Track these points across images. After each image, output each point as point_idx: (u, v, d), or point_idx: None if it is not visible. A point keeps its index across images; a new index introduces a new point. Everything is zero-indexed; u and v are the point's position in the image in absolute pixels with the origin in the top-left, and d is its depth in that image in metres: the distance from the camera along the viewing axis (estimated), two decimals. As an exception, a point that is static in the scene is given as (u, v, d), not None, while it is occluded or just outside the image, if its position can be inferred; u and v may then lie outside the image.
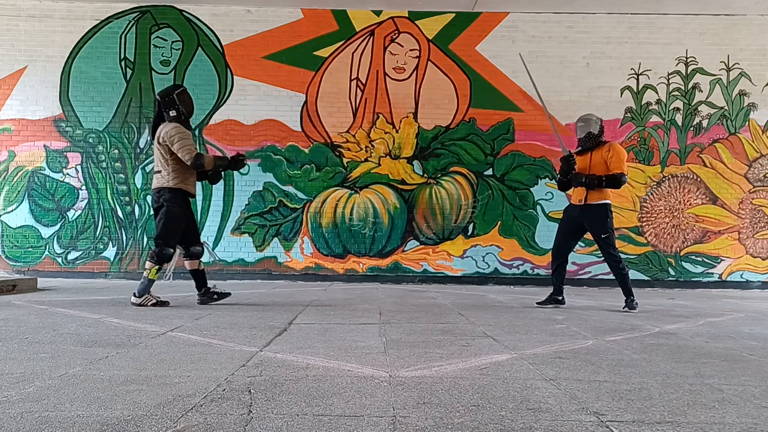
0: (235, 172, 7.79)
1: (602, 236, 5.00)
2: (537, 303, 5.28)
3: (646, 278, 7.80)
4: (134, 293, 4.79)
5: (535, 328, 3.90)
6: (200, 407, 1.98)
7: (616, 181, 4.92)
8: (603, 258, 5.25)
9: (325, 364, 2.67)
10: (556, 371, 2.61)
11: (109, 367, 2.58)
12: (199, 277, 5.00)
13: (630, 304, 5.00)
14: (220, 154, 4.78)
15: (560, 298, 5.21)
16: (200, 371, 2.51)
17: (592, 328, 3.94)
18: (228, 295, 5.08)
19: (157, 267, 4.75)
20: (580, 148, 5.18)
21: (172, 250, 4.81)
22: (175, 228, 4.80)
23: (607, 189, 4.99)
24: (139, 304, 4.73)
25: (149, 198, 7.76)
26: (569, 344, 3.32)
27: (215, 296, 5.00)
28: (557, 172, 5.27)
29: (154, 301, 4.77)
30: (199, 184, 7.81)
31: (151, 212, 7.76)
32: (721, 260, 7.84)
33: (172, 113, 4.78)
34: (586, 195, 5.01)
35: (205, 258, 5.76)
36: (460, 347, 3.16)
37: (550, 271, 5.35)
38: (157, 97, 4.84)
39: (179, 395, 2.11)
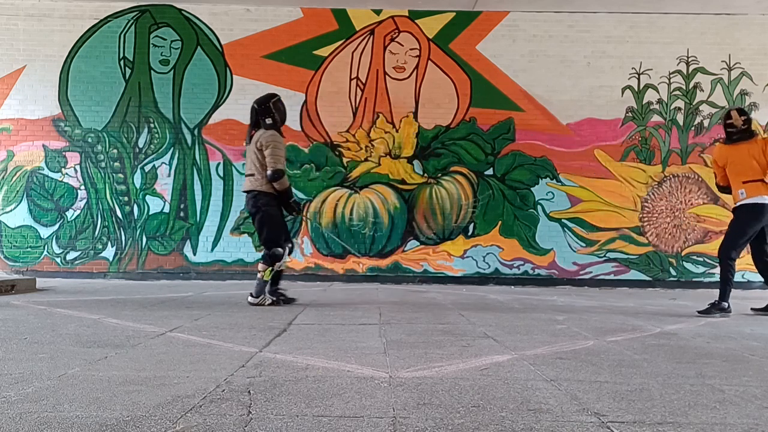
0: (234, 171, 7.79)
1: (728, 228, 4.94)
2: (752, 309, 5.06)
3: (648, 278, 7.78)
4: (251, 293, 4.93)
5: (536, 329, 3.89)
6: (199, 408, 1.97)
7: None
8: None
9: (325, 365, 2.66)
10: (557, 372, 2.60)
11: (108, 367, 2.57)
12: (277, 275, 5.07)
13: (713, 306, 4.75)
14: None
15: None
16: (199, 372, 2.50)
17: (592, 329, 3.93)
18: (294, 300, 5.12)
19: (270, 268, 4.88)
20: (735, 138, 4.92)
21: (281, 250, 4.97)
22: (279, 228, 5.04)
23: (762, 186, 4.74)
24: (256, 304, 4.87)
25: (148, 198, 7.76)
26: (570, 345, 3.31)
27: (282, 298, 5.05)
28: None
29: (270, 301, 4.91)
30: (197, 183, 7.83)
31: (150, 212, 7.77)
32: (722, 260, 7.81)
33: (269, 121, 4.96)
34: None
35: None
36: (460, 348, 3.15)
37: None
38: (254, 105, 5.02)
39: (178, 396, 2.10)
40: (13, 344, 3.08)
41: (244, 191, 5.06)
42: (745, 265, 7.82)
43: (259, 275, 4.94)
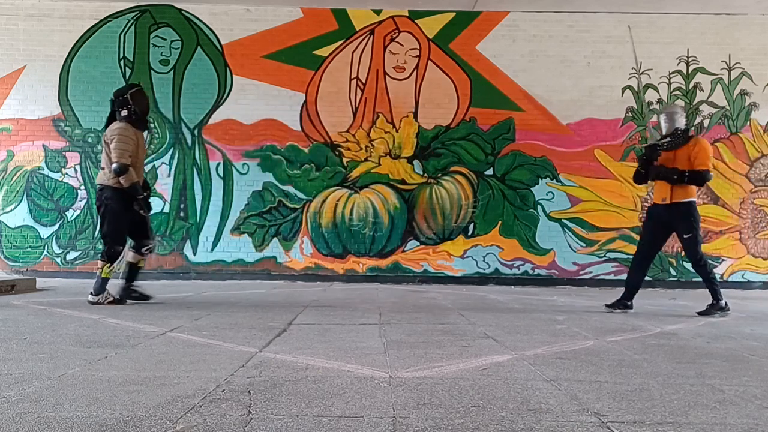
0: (234, 171, 7.79)
1: (685, 236, 4.77)
2: (606, 305, 5.07)
3: (648, 278, 7.75)
4: (91, 292, 4.83)
5: (536, 329, 3.89)
6: (199, 408, 1.97)
7: (700, 177, 4.68)
8: (687, 258, 4.95)
9: (325, 365, 2.66)
10: (557, 372, 2.60)
11: (108, 367, 2.57)
12: (133, 271, 5.00)
13: (712, 307, 4.72)
14: (139, 183, 4.89)
15: (629, 303, 4.99)
16: (199, 372, 2.50)
17: (592, 329, 3.93)
18: (148, 298, 5.03)
19: (108, 265, 4.79)
20: (665, 146, 4.86)
21: (120, 248, 4.85)
22: (120, 226, 4.85)
23: (691, 186, 4.75)
24: (96, 302, 4.77)
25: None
26: (570, 345, 3.31)
27: (135, 295, 4.98)
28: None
29: (111, 299, 4.81)
30: (197, 183, 7.82)
31: (150, 212, 7.75)
32: (723, 260, 7.82)
33: (123, 113, 4.82)
34: (671, 194, 4.77)
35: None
36: (460, 348, 3.15)
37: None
38: (111, 96, 4.89)
39: (178, 396, 2.10)
40: (13, 344, 3.08)
41: (96, 183, 4.94)
42: (745, 264, 7.85)
43: (98, 272, 4.80)
